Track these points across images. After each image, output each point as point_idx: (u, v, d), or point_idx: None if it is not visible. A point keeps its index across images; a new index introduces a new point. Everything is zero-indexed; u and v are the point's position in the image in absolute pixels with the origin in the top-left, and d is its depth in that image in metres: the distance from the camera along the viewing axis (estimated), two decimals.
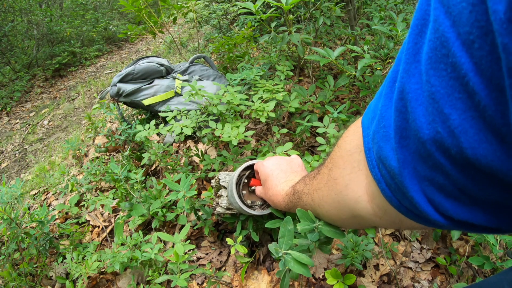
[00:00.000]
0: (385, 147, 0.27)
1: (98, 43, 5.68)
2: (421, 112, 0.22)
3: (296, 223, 0.63)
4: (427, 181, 0.25)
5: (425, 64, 0.21)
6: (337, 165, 0.41)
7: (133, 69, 1.93)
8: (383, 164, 0.28)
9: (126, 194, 1.44)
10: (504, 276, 0.53)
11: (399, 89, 0.25)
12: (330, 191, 0.44)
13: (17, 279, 1.29)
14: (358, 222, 0.43)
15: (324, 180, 0.46)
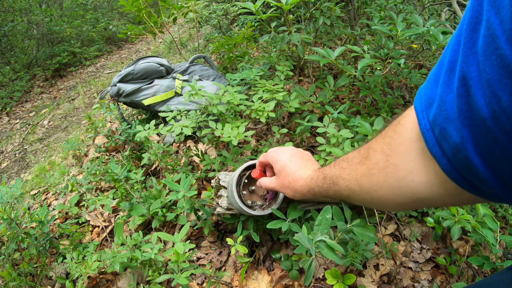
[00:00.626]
0: (448, 127, 0.32)
1: (98, 43, 5.68)
2: (480, 95, 0.27)
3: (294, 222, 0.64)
4: (488, 153, 0.29)
5: (481, 55, 0.26)
6: (398, 152, 0.42)
7: (133, 69, 1.93)
8: (446, 141, 0.33)
9: (126, 194, 1.44)
10: (500, 277, 0.53)
11: (460, 77, 0.29)
12: (388, 177, 0.44)
13: (17, 279, 1.29)
14: (417, 205, 0.45)
15: (380, 166, 0.45)
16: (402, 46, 2.03)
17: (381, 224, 1.26)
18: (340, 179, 0.55)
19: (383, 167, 0.45)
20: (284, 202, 1.05)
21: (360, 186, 0.51)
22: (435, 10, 2.47)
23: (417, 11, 2.31)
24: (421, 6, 2.39)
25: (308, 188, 0.66)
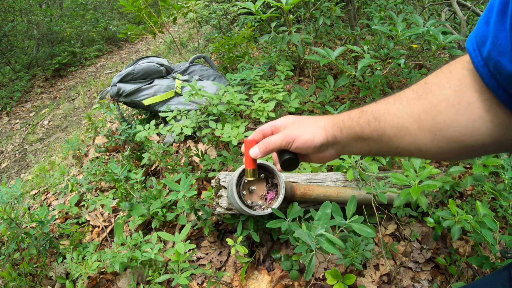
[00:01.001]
0: (502, 60, 0.35)
1: (98, 43, 5.69)
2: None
3: (294, 222, 0.64)
4: None
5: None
6: (474, 88, 0.41)
7: (133, 69, 1.93)
8: (500, 74, 0.36)
9: (126, 194, 1.44)
10: (498, 276, 0.53)
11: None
12: (459, 115, 0.41)
13: (17, 279, 1.29)
14: (475, 149, 0.43)
15: (450, 103, 0.42)
16: (402, 46, 2.03)
17: (381, 224, 1.26)
18: (388, 116, 0.47)
19: (454, 103, 0.41)
20: (284, 202, 1.05)
21: (419, 124, 0.44)
22: (435, 10, 2.47)
23: (417, 11, 2.31)
24: (421, 6, 2.39)
25: (334, 123, 0.55)
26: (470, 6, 1.78)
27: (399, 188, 1.15)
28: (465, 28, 1.64)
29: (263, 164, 1.04)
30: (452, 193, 1.34)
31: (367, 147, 0.52)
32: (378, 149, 0.51)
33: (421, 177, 0.90)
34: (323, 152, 0.58)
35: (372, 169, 1.07)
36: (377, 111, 0.49)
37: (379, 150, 0.51)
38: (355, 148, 0.54)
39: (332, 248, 0.65)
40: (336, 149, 0.57)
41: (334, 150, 0.57)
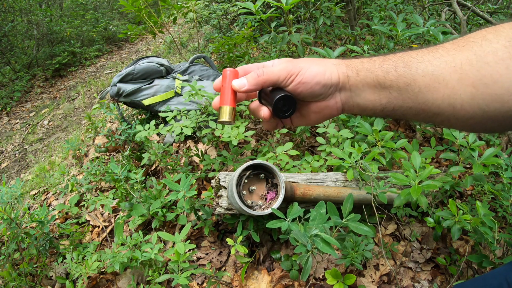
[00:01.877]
0: None
1: (98, 43, 5.69)
2: None
3: (294, 222, 0.64)
4: None
5: None
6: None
7: (133, 69, 1.93)
8: None
9: (126, 194, 1.44)
10: (503, 272, 0.53)
11: None
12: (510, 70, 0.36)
13: (17, 279, 1.29)
14: None
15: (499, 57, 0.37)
16: (402, 46, 2.03)
17: (381, 224, 1.26)
18: (420, 63, 0.39)
19: (504, 58, 0.36)
20: (284, 202, 1.05)
21: (460, 75, 0.37)
22: (435, 10, 2.47)
23: (417, 11, 2.31)
24: (421, 6, 2.39)
25: (348, 64, 0.45)
26: (470, 6, 1.78)
27: (399, 188, 1.15)
28: (465, 28, 1.63)
29: (263, 164, 1.04)
30: (452, 193, 1.34)
31: (385, 99, 0.42)
32: (399, 102, 0.41)
33: (421, 177, 0.90)
34: (328, 98, 0.46)
35: (372, 169, 1.07)
36: (408, 56, 0.41)
37: (400, 105, 0.41)
38: (369, 99, 0.44)
39: (327, 248, 0.65)
40: (344, 97, 0.46)
41: (342, 98, 0.46)
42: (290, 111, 0.46)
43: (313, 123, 0.51)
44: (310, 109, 0.49)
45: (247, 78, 0.46)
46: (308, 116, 0.50)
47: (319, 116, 0.49)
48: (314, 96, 0.46)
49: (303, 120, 0.51)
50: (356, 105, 0.46)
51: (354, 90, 0.45)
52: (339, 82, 0.45)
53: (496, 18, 2.18)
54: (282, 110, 0.46)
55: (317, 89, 0.45)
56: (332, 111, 0.48)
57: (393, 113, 0.44)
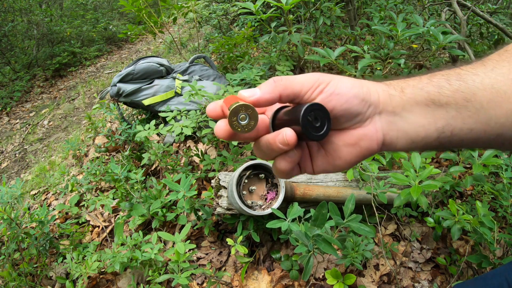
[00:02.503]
0: None
1: (98, 43, 5.69)
2: None
3: (294, 222, 0.64)
4: None
5: None
6: None
7: (133, 69, 1.93)
8: None
9: (126, 194, 1.44)
10: (503, 272, 0.53)
11: None
12: None
13: (17, 279, 1.29)
14: None
15: None
16: (402, 46, 2.03)
17: (381, 224, 1.26)
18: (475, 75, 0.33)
19: None
20: (284, 202, 1.05)
21: None
22: (435, 10, 2.47)
23: (417, 11, 2.31)
24: (421, 6, 2.39)
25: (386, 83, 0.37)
26: (470, 6, 1.78)
27: (399, 188, 1.15)
28: (465, 28, 1.63)
29: (263, 164, 1.04)
30: (452, 193, 1.34)
31: (442, 120, 0.33)
32: (458, 124, 0.33)
33: (421, 177, 0.90)
34: (366, 122, 0.35)
35: (372, 169, 1.07)
36: (457, 69, 0.35)
37: (460, 127, 0.33)
38: (420, 123, 0.34)
39: (329, 249, 0.65)
40: (386, 123, 0.35)
41: (383, 125, 0.35)
42: (325, 128, 0.32)
43: (344, 164, 0.36)
44: (342, 141, 0.35)
45: (264, 86, 0.34)
46: (337, 152, 0.36)
47: (353, 152, 0.35)
48: (350, 116, 0.34)
49: (330, 160, 0.36)
50: (402, 134, 0.35)
51: (400, 112, 0.35)
52: (379, 101, 0.35)
53: (496, 18, 2.18)
54: (313, 127, 0.31)
55: (355, 103, 0.34)
56: (371, 144, 0.35)
57: (449, 140, 0.34)
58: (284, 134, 0.32)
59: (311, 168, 0.37)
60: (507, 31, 1.67)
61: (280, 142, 0.32)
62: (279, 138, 0.32)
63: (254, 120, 0.32)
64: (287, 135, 0.31)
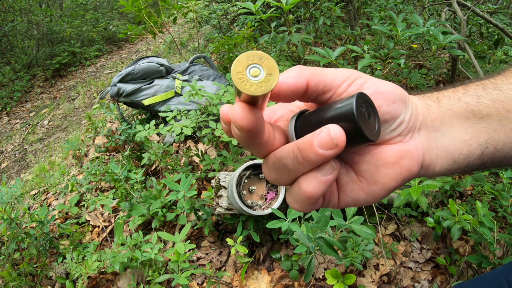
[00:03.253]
0: None
1: (98, 43, 5.69)
2: None
3: (294, 222, 0.64)
4: None
5: None
6: None
7: (133, 69, 1.93)
8: None
9: (126, 194, 1.44)
10: (503, 272, 0.53)
11: None
12: None
13: (17, 279, 1.29)
14: None
15: None
16: (402, 46, 2.03)
17: (381, 224, 1.26)
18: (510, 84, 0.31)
19: None
20: (284, 202, 1.05)
21: None
22: (435, 10, 2.47)
23: (417, 11, 2.31)
24: (421, 6, 2.39)
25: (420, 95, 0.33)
26: (470, 6, 1.78)
27: (399, 188, 1.15)
28: (465, 28, 1.63)
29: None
30: (452, 193, 1.34)
31: (484, 134, 0.30)
32: (502, 137, 0.30)
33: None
34: (408, 136, 0.29)
35: None
36: (491, 79, 0.32)
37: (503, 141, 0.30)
38: (461, 138, 0.30)
39: (331, 251, 0.65)
40: (425, 139, 0.30)
41: (422, 141, 0.30)
42: (377, 126, 0.26)
43: (381, 190, 0.29)
44: (380, 159, 0.28)
45: (284, 73, 0.27)
46: (374, 175, 0.29)
47: (393, 174, 0.28)
48: (394, 123, 0.28)
49: (364, 186, 0.29)
50: (443, 152, 0.30)
51: (439, 126, 0.30)
52: (418, 112, 0.30)
53: (496, 18, 2.18)
54: (367, 123, 0.24)
55: (401, 107, 0.28)
56: (412, 164, 0.29)
57: (492, 157, 0.31)
58: (330, 130, 0.23)
59: (336, 198, 0.30)
60: (507, 31, 1.67)
61: (321, 144, 0.23)
62: (320, 139, 0.23)
63: (273, 74, 0.22)
64: (335, 131, 0.23)
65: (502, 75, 0.32)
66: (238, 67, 0.22)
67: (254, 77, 0.22)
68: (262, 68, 0.22)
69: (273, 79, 0.22)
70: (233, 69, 0.22)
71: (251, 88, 0.21)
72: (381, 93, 0.27)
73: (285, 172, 0.26)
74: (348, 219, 0.80)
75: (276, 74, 0.22)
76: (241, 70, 0.22)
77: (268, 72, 0.22)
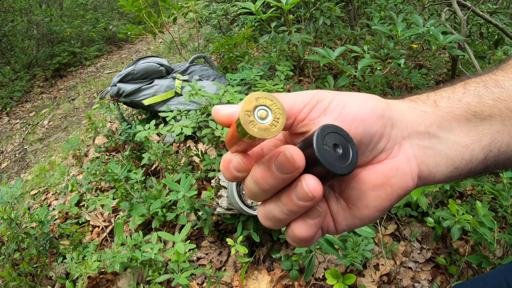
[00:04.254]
0: None
1: (98, 43, 5.68)
2: None
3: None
4: None
5: None
6: None
7: (133, 69, 1.93)
8: None
9: (126, 194, 1.44)
10: (503, 272, 0.53)
11: None
12: None
13: (17, 279, 1.29)
14: None
15: None
16: (402, 46, 2.03)
17: (381, 224, 1.26)
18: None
19: None
20: None
21: None
22: (435, 10, 2.47)
23: (417, 11, 2.30)
24: (421, 6, 2.39)
25: (411, 98, 0.30)
26: (470, 6, 1.78)
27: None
28: (465, 28, 1.64)
29: None
30: (452, 193, 1.34)
31: (487, 137, 0.28)
32: (505, 139, 0.28)
33: None
34: (394, 149, 0.27)
35: None
36: (491, 75, 0.30)
37: (507, 143, 0.28)
38: (462, 143, 0.28)
39: (331, 250, 0.65)
40: (418, 149, 0.28)
41: (415, 151, 0.28)
42: (351, 154, 0.23)
43: (373, 213, 0.27)
44: (365, 183, 0.27)
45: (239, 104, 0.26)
46: (362, 200, 0.27)
47: (383, 195, 0.26)
48: (370, 142, 0.26)
49: (355, 212, 0.27)
50: (442, 159, 0.28)
51: (436, 132, 0.28)
52: (405, 120, 0.28)
53: (496, 18, 2.18)
54: (335, 157, 0.23)
55: (374, 122, 0.26)
56: (404, 180, 0.27)
57: (495, 161, 0.29)
58: (304, 185, 0.22)
59: (333, 227, 0.28)
60: (507, 31, 1.67)
61: (299, 198, 0.23)
62: (298, 194, 0.23)
63: (281, 118, 0.21)
64: (309, 184, 0.22)
65: (503, 70, 0.30)
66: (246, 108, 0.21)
67: (262, 119, 0.21)
68: (270, 112, 0.22)
69: (280, 126, 0.22)
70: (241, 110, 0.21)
71: (254, 130, 0.21)
72: (347, 115, 0.25)
73: (277, 221, 0.26)
74: None
75: (284, 120, 0.22)
76: (250, 113, 0.21)
77: (276, 119, 0.22)
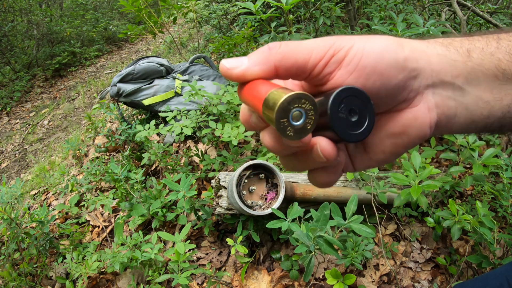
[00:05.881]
0: None
1: (98, 43, 5.68)
2: None
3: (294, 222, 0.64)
4: None
5: None
6: None
7: (133, 69, 1.93)
8: None
9: (126, 194, 1.44)
10: (503, 272, 0.53)
11: None
12: None
13: (17, 279, 1.29)
14: None
15: None
16: None
17: (381, 224, 1.26)
18: None
19: None
20: (284, 202, 1.05)
21: None
22: (435, 10, 2.47)
23: (417, 11, 2.30)
24: (421, 6, 2.39)
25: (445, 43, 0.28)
26: (470, 6, 1.78)
27: (399, 188, 1.15)
28: (465, 28, 1.64)
29: (263, 164, 1.04)
30: (452, 193, 1.34)
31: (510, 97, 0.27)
32: None
33: (421, 177, 0.90)
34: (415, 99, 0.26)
35: (372, 169, 1.07)
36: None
37: None
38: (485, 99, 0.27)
39: (331, 250, 0.65)
40: (442, 96, 0.26)
41: (437, 101, 0.26)
42: (366, 122, 0.23)
43: (388, 157, 0.27)
44: (383, 131, 0.27)
45: (249, 54, 0.25)
46: (379, 147, 0.27)
47: (400, 143, 0.27)
48: (389, 95, 0.25)
49: (372, 155, 0.28)
50: (462, 111, 0.27)
51: (461, 84, 0.26)
52: (431, 69, 0.26)
53: (496, 18, 2.18)
54: (349, 124, 0.23)
55: (394, 75, 0.24)
56: (422, 129, 0.26)
57: (511, 122, 0.28)
58: (319, 149, 0.24)
59: (352, 167, 0.30)
60: None
61: (316, 160, 0.24)
62: (314, 156, 0.24)
63: (313, 117, 0.21)
64: (323, 149, 0.23)
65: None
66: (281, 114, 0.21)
67: (295, 121, 0.21)
68: (305, 113, 0.21)
69: (313, 125, 0.22)
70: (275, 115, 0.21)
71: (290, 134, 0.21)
72: (363, 68, 0.24)
73: (298, 169, 0.28)
74: (348, 219, 0.80)
75: (317, 118, 0.22)
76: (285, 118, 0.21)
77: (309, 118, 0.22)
